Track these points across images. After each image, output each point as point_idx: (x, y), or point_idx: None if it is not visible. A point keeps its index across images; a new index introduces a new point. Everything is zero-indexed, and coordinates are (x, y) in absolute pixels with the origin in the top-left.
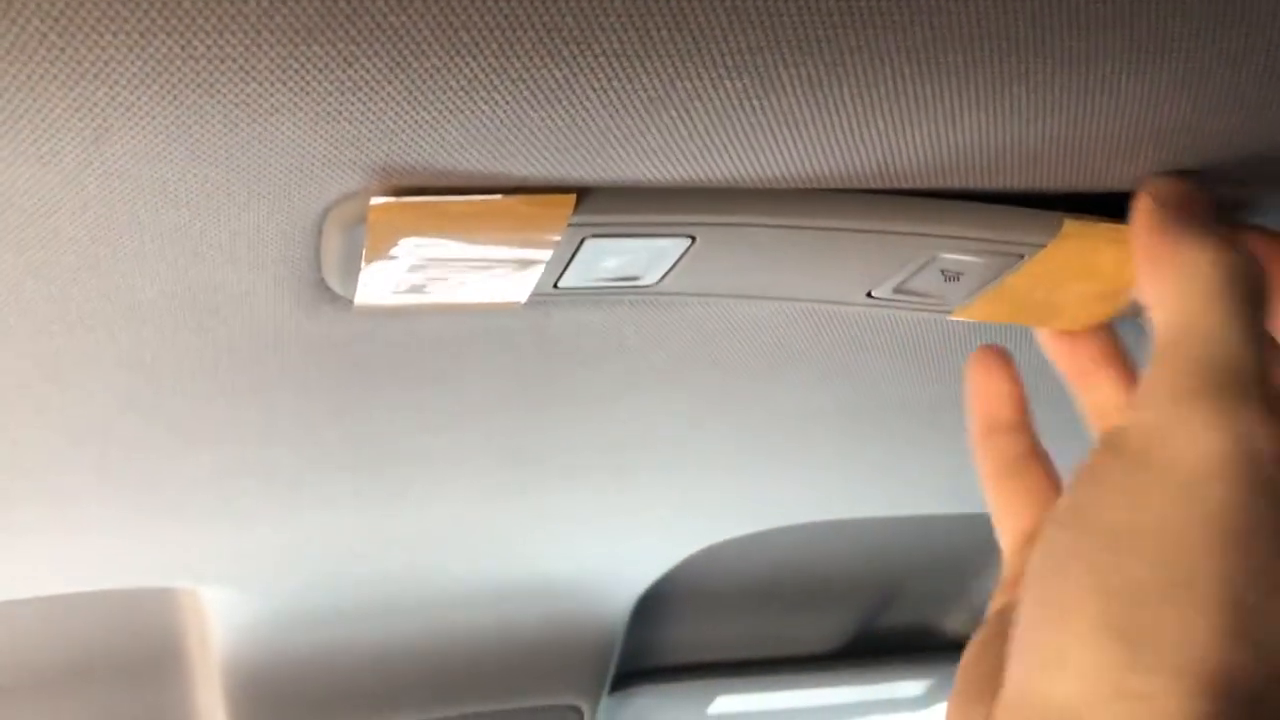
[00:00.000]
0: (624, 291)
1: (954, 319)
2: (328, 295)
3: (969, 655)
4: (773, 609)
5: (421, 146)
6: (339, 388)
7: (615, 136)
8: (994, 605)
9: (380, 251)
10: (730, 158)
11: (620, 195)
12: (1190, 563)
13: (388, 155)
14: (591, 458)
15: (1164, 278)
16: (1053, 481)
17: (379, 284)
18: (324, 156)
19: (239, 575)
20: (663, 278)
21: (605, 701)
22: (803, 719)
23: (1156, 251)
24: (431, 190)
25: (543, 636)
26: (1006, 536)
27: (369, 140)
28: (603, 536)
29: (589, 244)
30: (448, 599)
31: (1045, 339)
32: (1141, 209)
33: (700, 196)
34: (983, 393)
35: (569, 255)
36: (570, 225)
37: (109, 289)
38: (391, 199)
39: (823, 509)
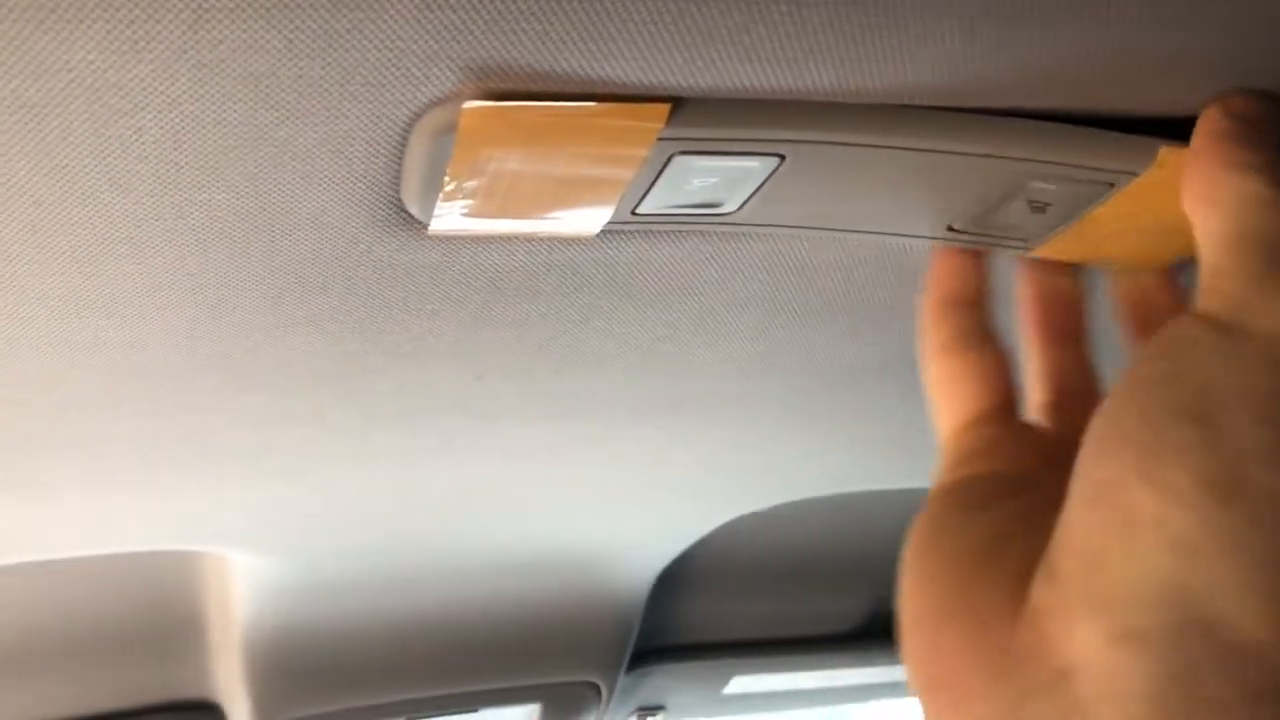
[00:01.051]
0: (702, 221)
1: (1029, 256)
2: (402, 219)
3: (927, 550)
4: (791, 588)
5: (523, 42)
6: (398, 326)
7: (719, 34)
8: (943, 478)
9: (465, 166)
10: (833, 64)
11: (713, 107)
12: None
13: (487, 52)
14: (636, 412)
15: (1220, 185)
16: (1003, 365)
17: (456, 207)
18: (423, 51)
19: (269, 540)
20: (744, 204)
21: (622, 679)
22: (819, 699)
23: (1215, 157)
24: (524, 96)
25: (564, 612)
26: (947, 417)
27: (471, 33)
28: (631, 505)
29: (676, 161)
30: (470, 570)
31: (1119, 285)
32: (1209, 116)
33: (792, 111)
34: (947, 272)
35: (654, 175)
36: (661, 139)
37: (183, 203)
38: (486, 103)
39: (857, 479)
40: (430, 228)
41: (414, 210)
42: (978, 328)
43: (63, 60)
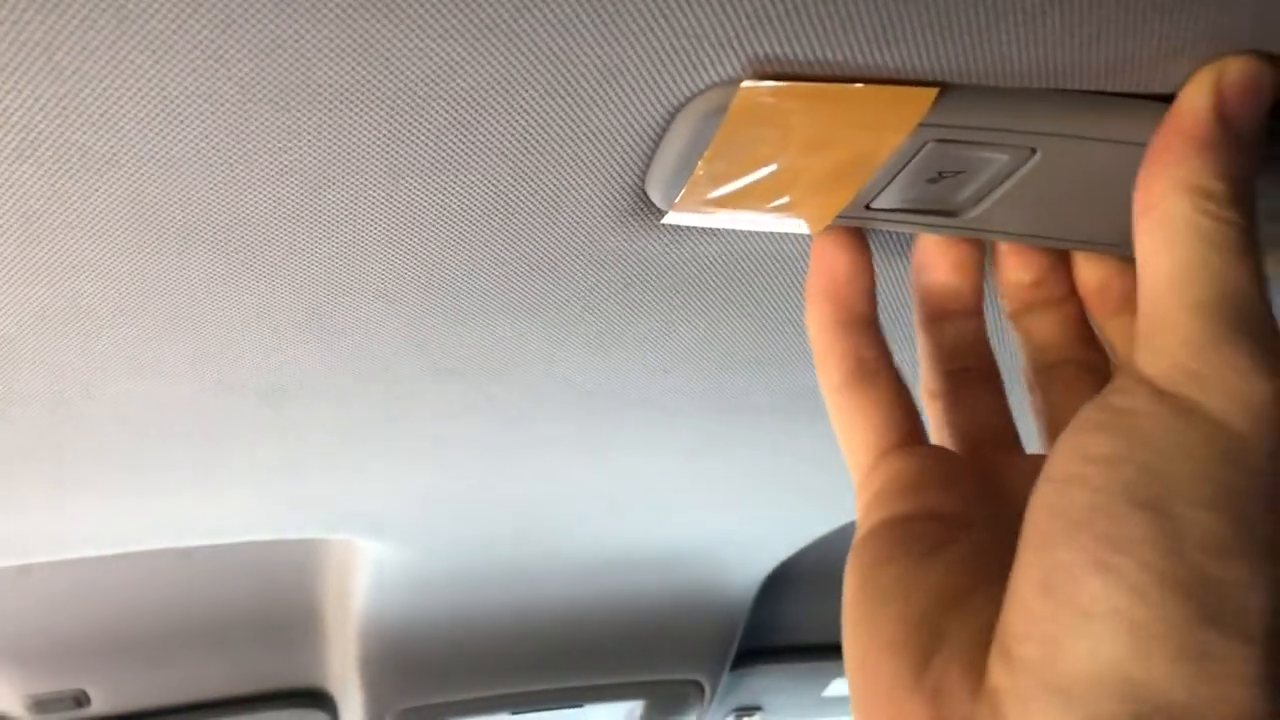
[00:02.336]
0: (929, 224)
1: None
2: (638, 207)
3: (874, 608)
4: None
5: (815, 25)
6: (601, 315)
7: (1012, 17)
8: (872, 518)
9: (724, 148)
10: (1111, 48)
11: (976, 95)
12: (1258, 515)
13: (779, 35)
14: (787, 411)
15: (1171, 207)
16: (904, 392)
17: (698, 194)
18: (719, 37)
19: (402, 530)
20: (981, 202)
21: (725, 678)
22: None
23: (1172, 167)
24: (794, 79)
25: (673, 611)
26: (859, 452)
27: (770, 19)
28: (753, 504)
29: (929, 149)
30: (586, 567)
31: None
32: (1191, 93)
33: (1052, 101)
34: (835, 276)
35: (897, 169)
36: (921, 125)
37: (440, 188)
38: (763, 83)
39: None
40: (666, 216)
41: (655, 197)
42: (879, 357)
43: (380, 45)
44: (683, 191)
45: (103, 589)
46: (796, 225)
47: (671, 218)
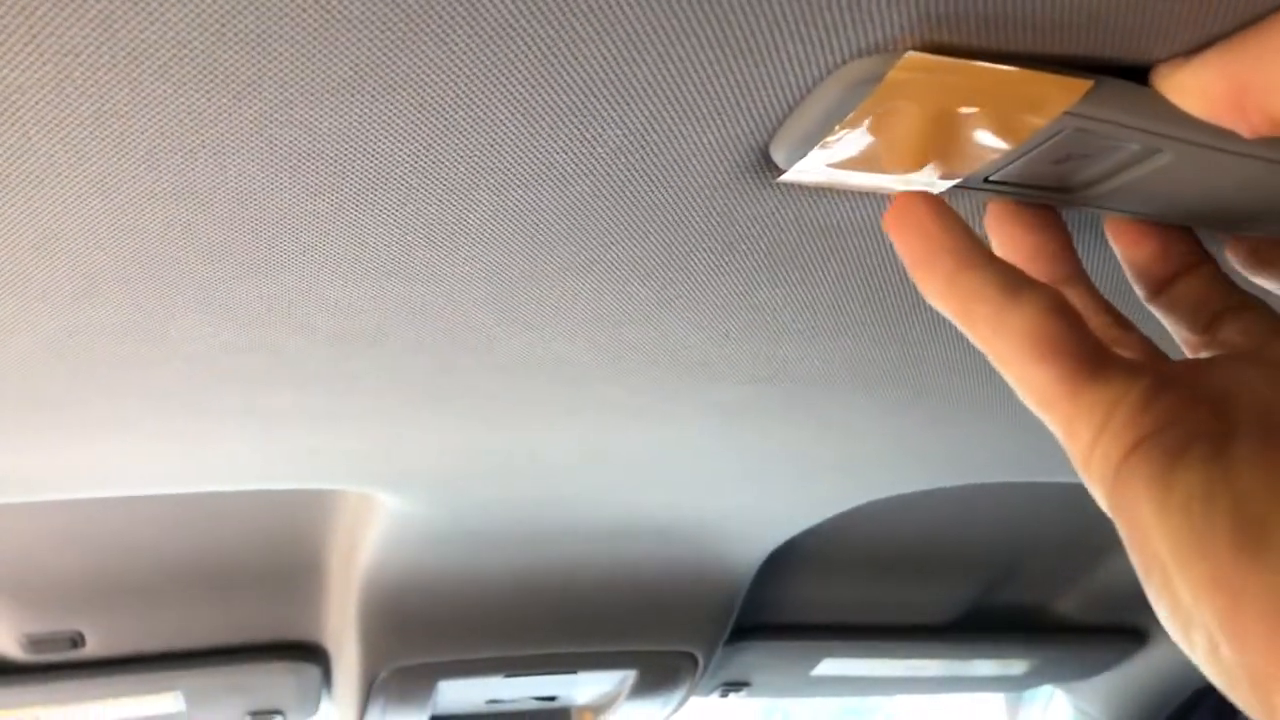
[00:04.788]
0: (1047, 199)
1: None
2: (758, 166)
3: (1205, 527)
4: (889, 578)
5: (976, 7)
6: (676, 277)
7: (1197, 20)
8: (1116, 446)
9: (866, 116)
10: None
11: (1122, 90)
12: None
13: (938, 10)
14: (826, 383)
15: None
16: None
17: (824, 156)
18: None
19: (418, 484)
20: (1104, 183)
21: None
22: (903, 688)
23: None
24: (949, 52)
25: (673, 583)
26: (1052, 385)
27: None
28: (759, 482)
29: (1066, 135)
30: (590, 534)
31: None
32: None
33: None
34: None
35: (1034, 146)
36: (1066, 113)
37: (575, 138)
38: (926, 55)
39: (997, 469)
40: (785, 175)
41: (778, 158)
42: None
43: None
44: (809, 154)
45: (103, 531)
46: (910, 189)
47: (789, 176)
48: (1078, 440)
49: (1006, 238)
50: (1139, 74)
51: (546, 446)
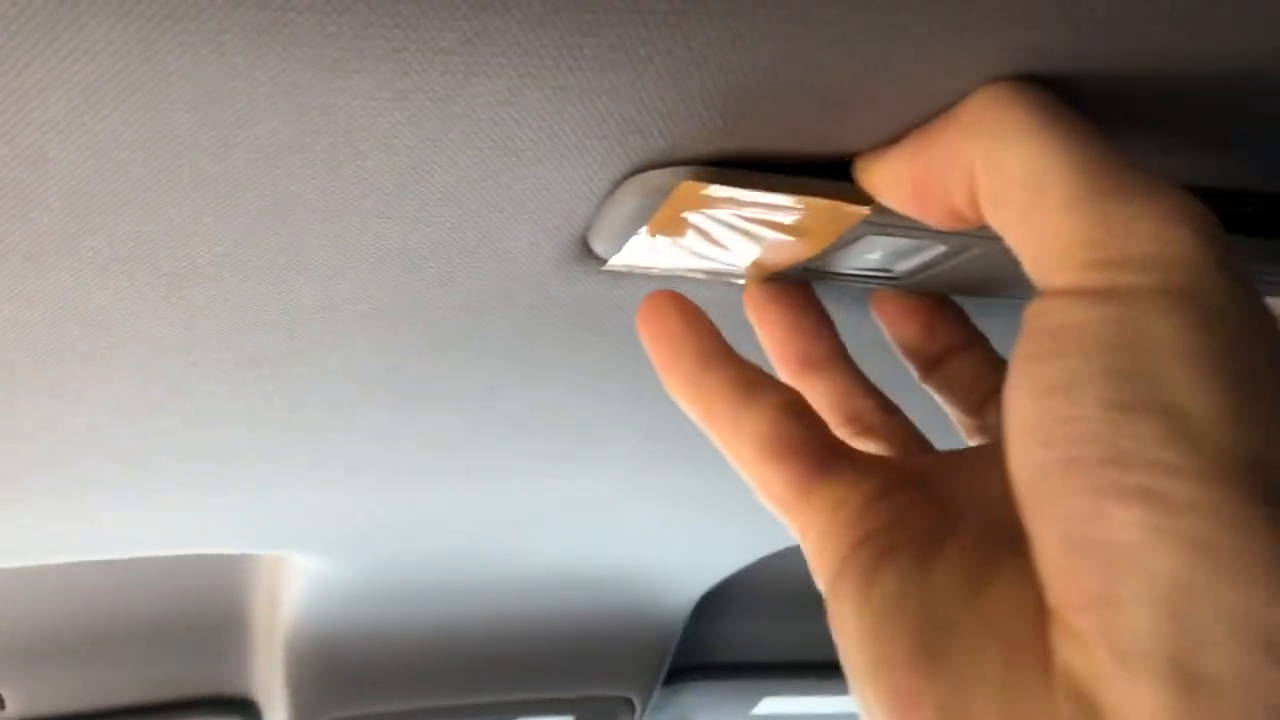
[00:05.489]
0: (867, 281)
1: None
2: (582, 254)
3: (894, 633)
4: (826, 613)
5: (765, 119)
6: (534, 352)
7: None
8: (838, 546)
9: (664, 224)
10: None
11: None
12: (1252, 366)
13: (720, 121)
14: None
15: None
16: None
17: (640, 250)
18: (666, 109)
19: (332, 544)
20: (914, 272)
21: (656, 694)
22: None
23: None
24: (734, 160)
25: (605, 628)
26: (786, 489)
27: (719, 98)
28: (686, 528)
29: (867, 239)
30: (517, 583)
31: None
32: None
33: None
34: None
35: (840, 246)
36: (862, 222)
37: (384, 234)
38: (701, 184)
39: None
40: (608, 265)
41: (598, 249)
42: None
43: (326, 104)
44: (625, 247)
45: (20, 591)
46: (736, 276)
47: (611, 266)
48: (808, 543)
49: (764, 320)
50: None
51: (450, 507)
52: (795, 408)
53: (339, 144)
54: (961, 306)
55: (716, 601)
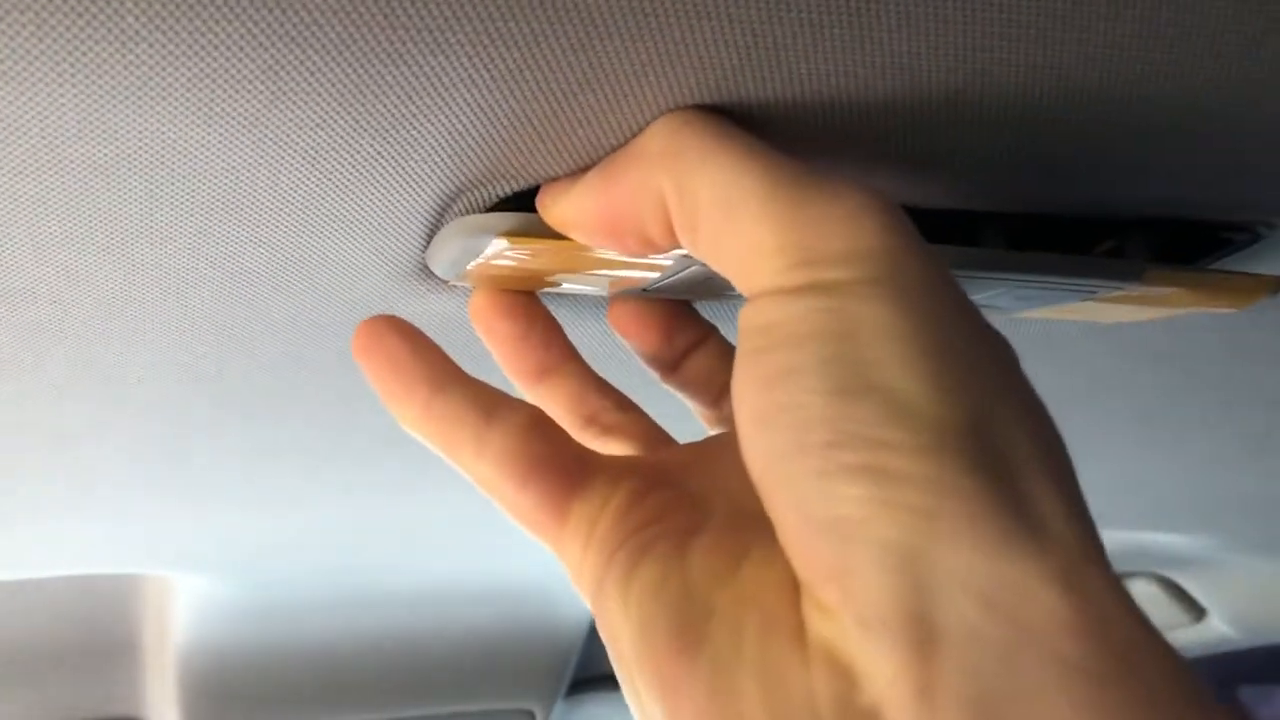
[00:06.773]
0: (707, 299)
1: None
2: (425, 273)
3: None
4: None
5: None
6: None
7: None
8: (599, 558)
9: (492, 260)
10: None
11: None
12: (953, 342)
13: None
14: None
15: None
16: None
17: (480, 273)
18: (484, 135)
19: (218, 564)
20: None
21: (558, 706)
22: None
23: None
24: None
25: (504, 642)
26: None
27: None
28: None
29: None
30: (413, 599)
31: None
32: None
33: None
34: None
35: (669, 275)
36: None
37: (218, 256)
38: (512, 240)
39: None
40: (450, 282)
41: (438, 271)
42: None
43: (136, 127)
44: (460, 275)
45: None
46: (591, 293)
47: (455, 283)
48: (569, 559)
49: (489, 330)
50: None
51: (331, 524)
52: (539, 424)
53: (155, 165)
54: (692, 304)
55: None
